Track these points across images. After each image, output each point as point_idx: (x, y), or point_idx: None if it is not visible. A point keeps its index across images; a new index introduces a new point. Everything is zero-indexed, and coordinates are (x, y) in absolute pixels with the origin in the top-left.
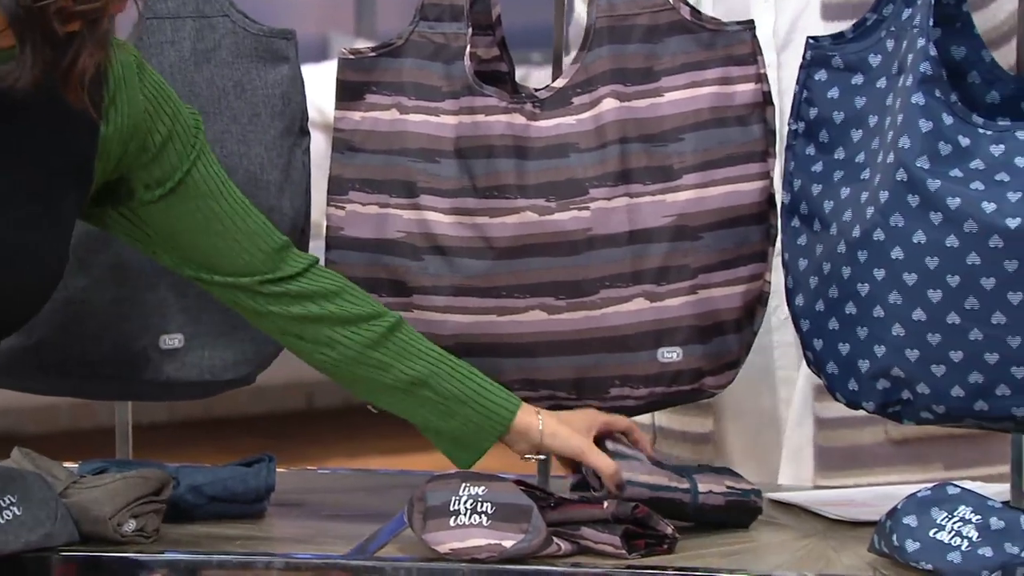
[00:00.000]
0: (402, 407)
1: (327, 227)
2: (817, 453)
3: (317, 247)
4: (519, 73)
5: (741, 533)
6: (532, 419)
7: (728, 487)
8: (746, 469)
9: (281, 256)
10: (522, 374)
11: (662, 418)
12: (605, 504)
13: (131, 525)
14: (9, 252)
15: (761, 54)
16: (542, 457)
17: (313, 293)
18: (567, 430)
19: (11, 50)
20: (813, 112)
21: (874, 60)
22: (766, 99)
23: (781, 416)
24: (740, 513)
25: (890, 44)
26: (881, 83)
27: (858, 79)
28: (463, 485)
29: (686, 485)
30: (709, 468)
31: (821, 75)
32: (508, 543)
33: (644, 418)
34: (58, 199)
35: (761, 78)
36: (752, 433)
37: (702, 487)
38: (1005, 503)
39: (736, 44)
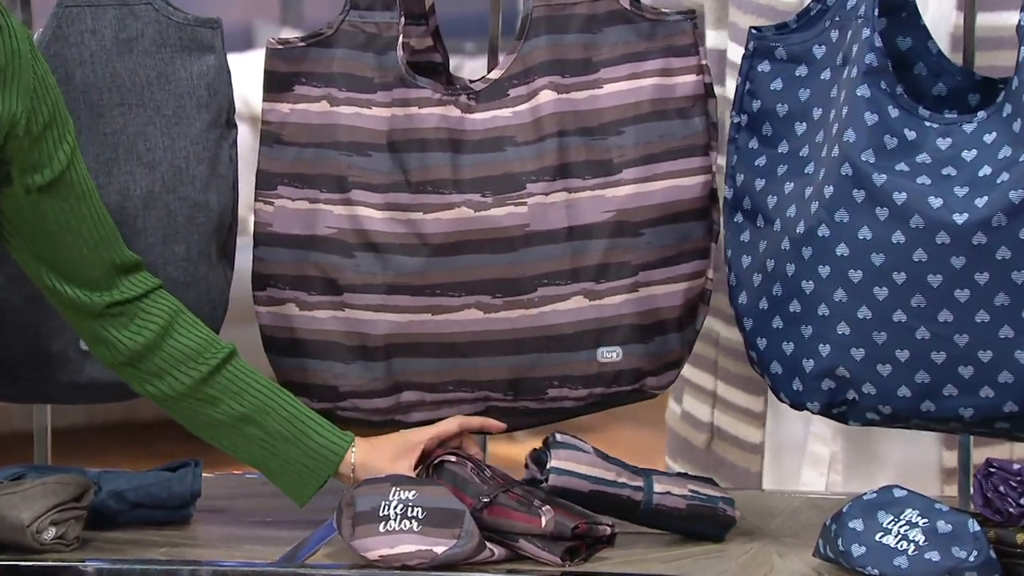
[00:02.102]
0: (230, 443)
1: (255, 223)
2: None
3: (244, 244)
4: (451, 63)
5: (686, 538)
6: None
7: (691, 491)
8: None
9: (129, 276)
10: (457, 375)
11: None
12: (543, 521)
13: (51, 532)
14: None
15: (703, 45)
16: None
17: (150, 320)
18: (379, 461)
19: None
20: (756, 104)
21: (818, 51)
22: (708, 91)
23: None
24: (706, 521)
25: (835, 35)
26: (826, 75)
27: (802, 70)
28: (393, 489)
29: (638, 483)
30: (682, 475)
31: (764, 66)
32: (440, 549)
33: (704, 415)
34: None
35: (703, 69)
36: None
37: (659, 488)
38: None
39: (677, 35)
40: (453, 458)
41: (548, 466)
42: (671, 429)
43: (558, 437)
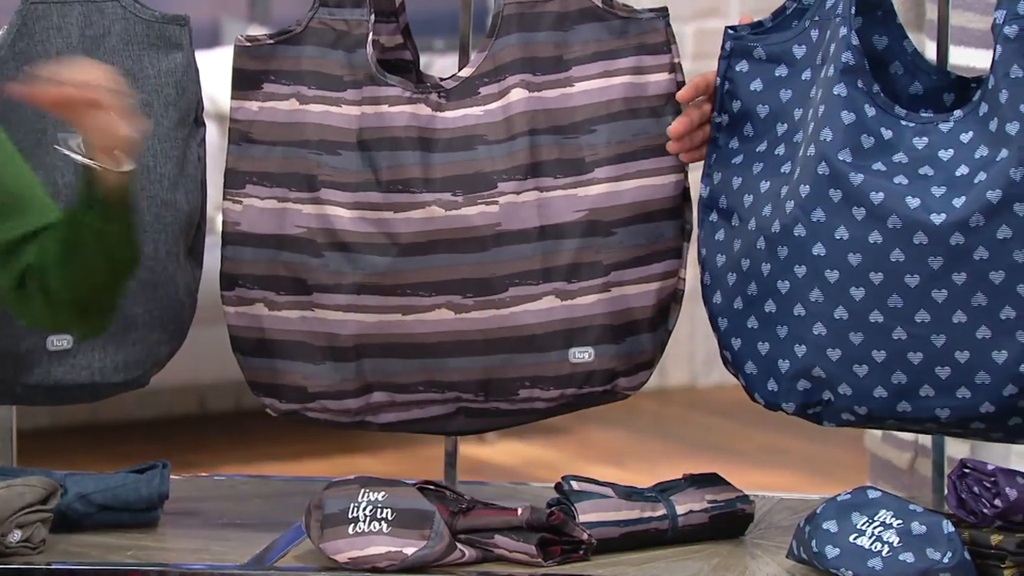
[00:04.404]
0: None
1: (223, 222)
2: None
3: (213, 243)
4: (421, 61)
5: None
6: None
7: (710, 501)
8: None
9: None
10: (428, 375)
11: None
12: (519, 511)
13: (16, 535)
14: None
15: (675, 42)
16: None
17: None
18: None
19: None
20: (737, 105)
21: (798, 51)
22: (680, 89)
23: None
24: (728, 525)
25: (815, 34)
26: (806, 75)
27: (782, 71)
28: (363, 491)
29: (662, 512)
30: (690, 481)
31: (742, 66)
32: (409, 550)
33: (908, 435)
34: None
35: (675, 67)
36: None
37: (680, 509)
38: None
39: (649, 32)
40: (432, 486)
41: (578, 521)
42: (871, 452)
43: (575, 485)
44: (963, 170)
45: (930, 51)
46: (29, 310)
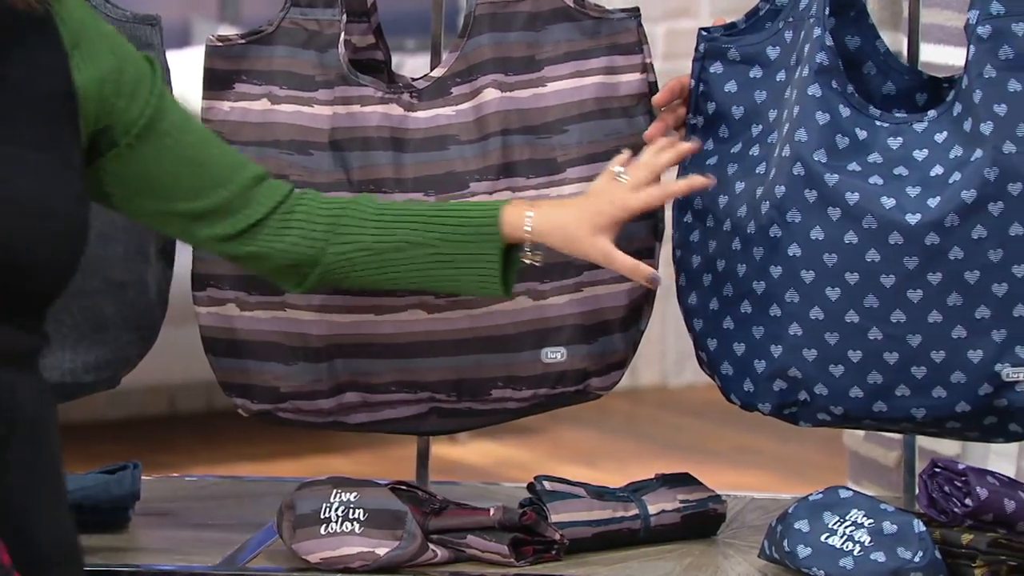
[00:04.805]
0: (403, 275)
1: None
2: None
3: (185, 244)
4: (392, 61)
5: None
6: (519, 216)
7: (682, 501)
8: None
9: (260, 187)
10: (401, 375)
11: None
12: (491, 511)
13: None
14: (36, 202)
15: (647, 43)
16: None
17: (297, 226)
18: (566, 221)
19: None
20: (712, 106)
21: (773, 52)
22: (652, 89)
23: None
24: (700, 524)
25: (788, 35)
26: (781, 76)
27: (756, 72)
28: (334, 491)
29: (634, 511)
30: (662, 481)
31: (716, 68)
32: (382, 551)
33: (894, 433)
34: (62, 147)
35: (647, 67)
36: None
37: (653, 509)
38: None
39: (621, 32)
40: (404, 487)
41: (550, 522)
42: (852, 452)
43: (547, 485)
44: (938, 170)
45: (905, 49)
46: None
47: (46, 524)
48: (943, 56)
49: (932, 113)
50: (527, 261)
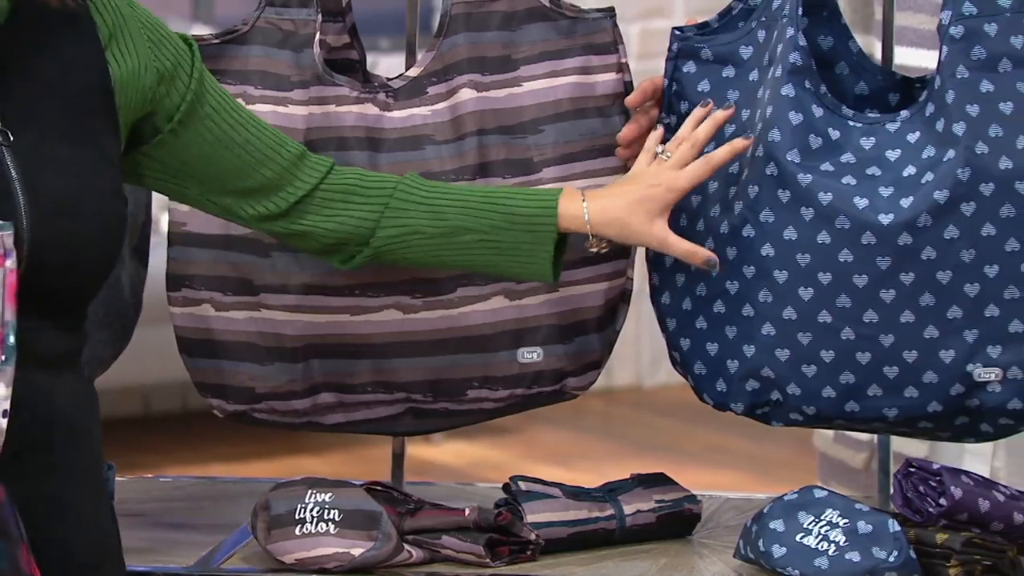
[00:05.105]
0: (454, 258)
1: (169, 222)
2: None
3: (158, 243)
4: (367, 60)
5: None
6: (576, 209)
7: (657, 501)
8: None
9: (301, 164)
10: (377, 376)
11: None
12: (467, 511)
13: None
14: (72, 198)
15: (622, 43)
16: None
17: (340, 203)
18: (620, 210)
19: None
20: (684, 106)
21: (745, 52)
22: (627, 89)
23: None
24: (676, 524)
25: (761, 35)
26: (753, 75)
27: (729, 72)
28: (309, 492)
29: (610, 512)
30: (638, 481)
31: (689, 67)
32: (357, 551)
33: (863, 434)
34: (98, 142)
35: (622, 67)
36: None
37: (628, 509)
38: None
39: (596, 32)
40: (379, 487)
41: (526, 522)
42: (822, 453)
43: (523, 486)
44: (910, 170)
45: (878, 52)
46: None
47: (87, 526)
48: (916, 59)
49: (905, 113)
50: (593, 250)
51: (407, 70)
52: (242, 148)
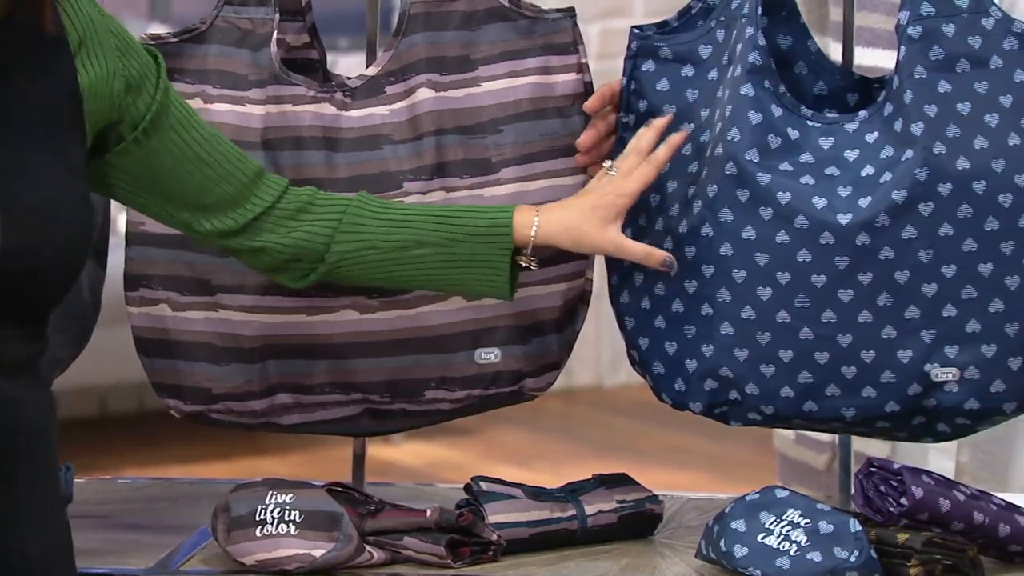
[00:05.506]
0: (408, 275)
1: (127, 222)
2: None
3: (116, 243)
4: (328, 60)
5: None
6: (529, 220)
7: (619, 502)
8: None
9: (259, 182)
10: (334, 376)
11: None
12: (428, 512)
13: None
14: (43, 207)
15: (582, 43)
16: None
17: (297, 220)
18: (574, 220)
19: None
20: (643, 105)
21: (705, 51)
22: (587, 90)
23: None
24: (638, 525)
25: (720, 34)
26: (712, 75)
27: (688, 71)
28: (270, 493)
29: (571, 512)
30: (599, 481)
31: (648, 66)
32: (318, 552)
33: (824, 435)
34: (67, 149)
35: (582, 68)
36: None
37: (589, 509)
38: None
39: (556, 33)
40: (340, 488)
41: (487, 522)
42: (782, 454)
43: (484, 486)
44: (868, 170)
45: (834, 53)
46: None
47: (46, 532)
48: (873, 59)
49: (863, 113)
50: (523, 264)
51: (366, 69)
52: (204, 163)
